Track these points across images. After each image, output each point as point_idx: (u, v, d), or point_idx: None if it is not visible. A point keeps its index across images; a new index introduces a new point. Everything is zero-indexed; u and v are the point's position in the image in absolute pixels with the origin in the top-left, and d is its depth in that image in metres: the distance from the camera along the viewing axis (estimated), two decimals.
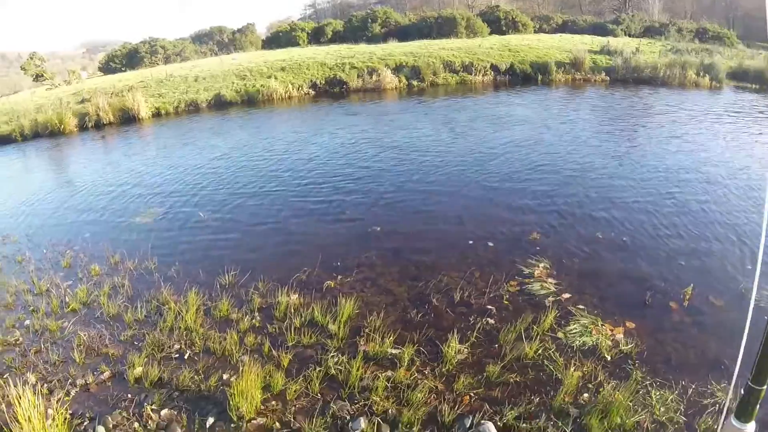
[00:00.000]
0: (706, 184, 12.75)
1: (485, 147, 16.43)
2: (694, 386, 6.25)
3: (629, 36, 44.99)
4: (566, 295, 8.03)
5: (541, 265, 8.88)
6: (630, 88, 27.32)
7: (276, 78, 29.15)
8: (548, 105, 23.63)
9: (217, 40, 57.85)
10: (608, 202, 11.69)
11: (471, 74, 29.96)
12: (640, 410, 5.84)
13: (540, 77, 29.67)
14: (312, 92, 28.85)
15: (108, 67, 50.51)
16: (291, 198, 12.83)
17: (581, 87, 28.29)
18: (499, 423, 5.67)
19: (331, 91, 28.98)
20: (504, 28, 47.17)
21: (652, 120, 20.59)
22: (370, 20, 49.70)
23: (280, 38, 52.25)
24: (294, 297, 8.14)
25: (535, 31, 48.52)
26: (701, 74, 28.30)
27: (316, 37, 51.21)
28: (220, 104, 27.20)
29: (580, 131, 18.43)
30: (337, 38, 49.47)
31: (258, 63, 33.19)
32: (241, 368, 6.24)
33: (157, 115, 25.85)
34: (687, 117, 20.54)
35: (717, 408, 5.91)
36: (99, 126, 24.34)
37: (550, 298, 7.93)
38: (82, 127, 24.11)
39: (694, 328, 7.44)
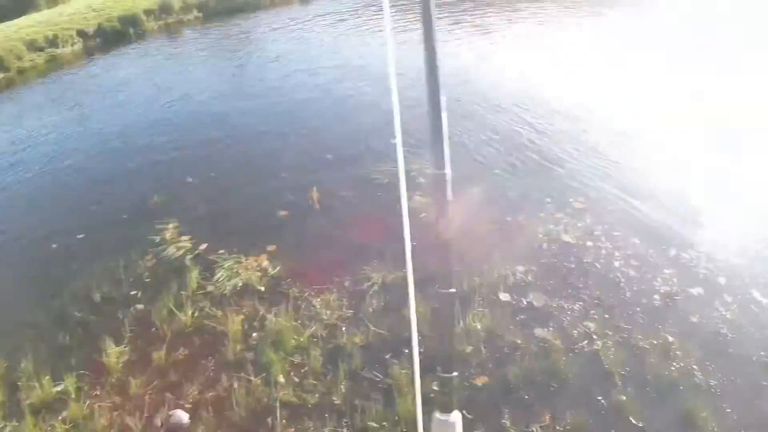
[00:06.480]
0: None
1: (87, 128, 14.69)
2: (350, 278, 6.68)
3: None
4: (203, 246, 7.78)
5: (170, 225, 8.38)
6: (226, 20, 27.04)
7: None
8: (146, 59, 22.37)
9: None
10: (222, 139, 11.70)
11: (59, 48, 26.59)
12: (309, 323, 6.02)
13: (132, 31, 27.44)
14: None
15: None
16: None
17: (177, 31, 27.22)
18: (186, 405, 5.35)
19: None
20: None
21: (252, 42, 21.78)
22: None
23: None
24: None
25: None
26: None
27: None
28: None
29: (187, 77, 17.94)
30: None
31: None
32: None
33: None
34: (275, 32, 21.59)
35: (376, 288, 6.44)
36: None
37: (189, 256, 7.62)
38: None
39: (331, 224, 7.89)
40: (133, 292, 7.22)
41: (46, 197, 10.83)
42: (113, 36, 27.47)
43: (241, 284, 6.86)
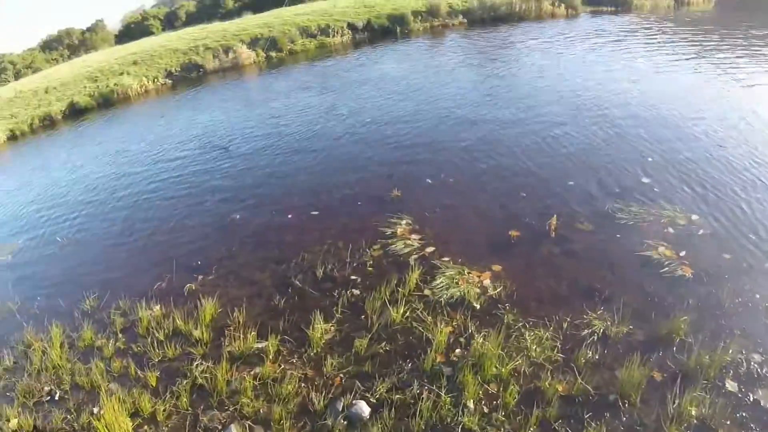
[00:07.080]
0: (549, 118, 13.10)
1: (344, 114, 15.73)
2: (569, 319, 6.20)
3: None
4: (430, 249, 7.80)
5: (403, 222, 8.62)
6: (489, 28, 27.38)
7: (128, 74, 27.18)
8: (409, 57, 23.25)
9: (68, 44, 54.80)
10: (469, 147, 11.59)
11: (329, 36, 29.20)
12: (515, 355, 5.71)
13: (399, 29, 29.12)
14: (169, 82, 26.95)
15: None
16: (141, 203, 11.79)
17: (441, 33, 28.10)
18: (371, 399, 5.41)
19: (188, 77, 27.15)
20: None
21: (513, 53, 21.07)
22: None
23: (132, 30, 49.86)
24: (156, 309, 7.41)
25: None
26: (556, 4, 29.01)
27: (171, 22, 49.25)
28: (75, 113, 24.75)
29: (444, 79, 18.18)
30: (192, 20, 47.67)
31: (108, 61, 30.98)
32: (107, 398, 5.74)
33: (12, 138, 22.92)
34: (540, 44, 21.15)
35: (596, 338, 5.91)
36: None
37: (414, 256, 7.68)
38: None
39: (563, 257, 7.42)
40: (353, 277, 7.49)
41: (284, 174, 11.85)
42: (380, 32, 29.35)
43: (457, 296, 6.75)
